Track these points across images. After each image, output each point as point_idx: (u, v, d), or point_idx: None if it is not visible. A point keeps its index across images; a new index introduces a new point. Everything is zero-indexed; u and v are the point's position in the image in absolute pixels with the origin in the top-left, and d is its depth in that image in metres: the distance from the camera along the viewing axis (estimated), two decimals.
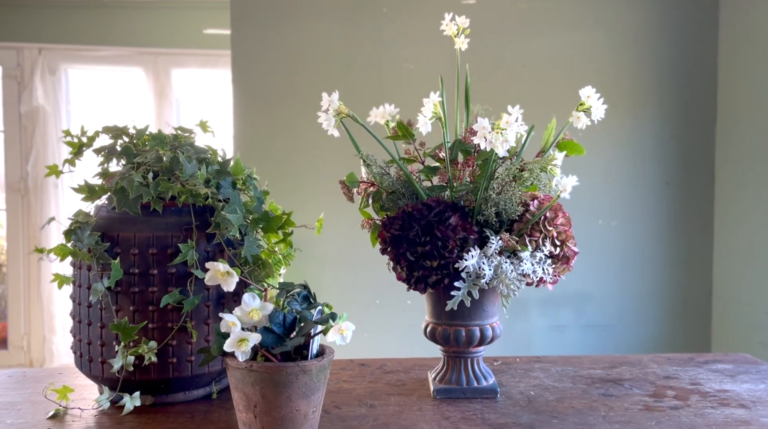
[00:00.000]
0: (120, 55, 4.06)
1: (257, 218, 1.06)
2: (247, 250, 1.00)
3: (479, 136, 0.95)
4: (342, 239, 2.15)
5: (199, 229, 1.00)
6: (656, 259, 2.27)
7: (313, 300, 0.90)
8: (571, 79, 2.21)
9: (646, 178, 2.24)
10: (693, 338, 2.30)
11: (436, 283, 0.99)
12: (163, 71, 4.10)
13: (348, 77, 2.18)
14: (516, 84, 2.21)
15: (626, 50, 2.23)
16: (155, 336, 0.97)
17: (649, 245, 2.26)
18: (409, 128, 1.07)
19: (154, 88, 4.12)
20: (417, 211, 1.00)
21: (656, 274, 2.27)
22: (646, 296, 2.27)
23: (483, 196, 1.02)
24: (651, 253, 2.26)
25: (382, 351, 2.20)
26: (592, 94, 1.03)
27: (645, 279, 2.27)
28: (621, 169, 2.22)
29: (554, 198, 1.00)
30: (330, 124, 1.00)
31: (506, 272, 0.97)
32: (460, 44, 1.06)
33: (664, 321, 2.29)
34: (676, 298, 2.27)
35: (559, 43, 2.20)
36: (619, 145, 2.21)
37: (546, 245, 1.01)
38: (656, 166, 2.24)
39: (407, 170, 1.06)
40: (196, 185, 0.98)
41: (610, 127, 2.15)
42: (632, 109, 2.20)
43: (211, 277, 0.81)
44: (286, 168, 2.11)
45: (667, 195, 2.25)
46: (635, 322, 2.28)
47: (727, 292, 2.21)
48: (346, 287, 2.18)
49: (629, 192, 2.24)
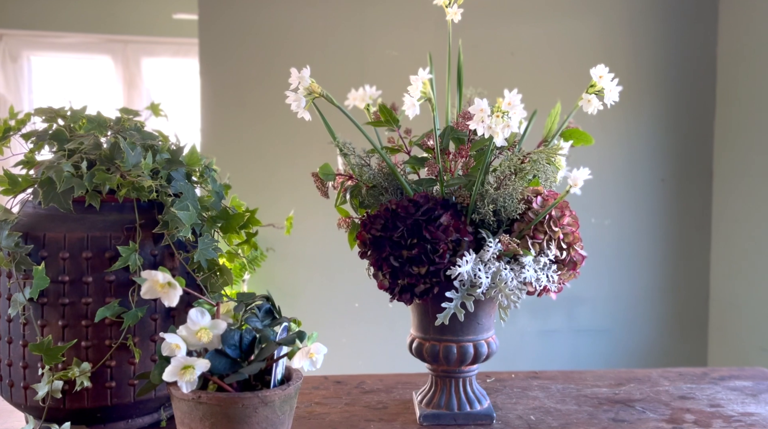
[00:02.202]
0: (87, 43, 3.86)
1: (215, 216, 0.91)
2: (201, 254, 0.84)
3: (476, 121, 0.80)
4: (318, 237, 2.00)
5: (144, 228, 0.85)
6: (651, 260, 2.15)
7: (278, 314, 0.76)
8: (563, 69, 2.08)
9: (641, 174, 2.12)
10: (689, 343, 2.18)
11: (424, 292, 0.85)
12: (133, 60, 3.91)
13: (327, 65, 2.03)
14: (504, 72, 2.07)
15: (621, 40, 2.11)
16: (90, 356, 0.82)
17: (644, 245, 2.14)
18: (392, 112, 0.92)
19: (124, 77, 3.93)
20: (402, 208, 0.86)
21: (651, 276, 2.15)
22: (640, 299, 2.16)
23: (479, 191, 0.87)
24: (646, 253, 2.14)
25: (362, 358, 2.05)
26: (604, 74, 0.89)
27: (639, 281, 2.15)
28: (615, 165, 2.10)
29: (562, 194, 0.86)
30: (300, 105, 0.85)
31: (506, 280, 0.83)
32: (453, 15, 0.92)
33: (659, 325, 2.17)
34: (671, 300, 2.16)
35: (551, 30, 2.07)
36: (614, 139, 2.08)
37: (551, 249, 0.88)
38: (652, 161, 2.12)
39: (390, 161, 0.91)
40: (140, 176, 0.83)
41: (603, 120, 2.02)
42: (627, 101, 2.08)
43: (148, 290, 0.66)
44: (258, 160, 1.96)
45: (662, 192, 2.13)
46: (629, 326, 2.16)
47: (725, 295, 2.10)
48: (323, 289, 2.03)
49: (623, 189, 2.12)
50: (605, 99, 0.89)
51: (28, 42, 3.83)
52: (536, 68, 2.09)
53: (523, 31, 2.09)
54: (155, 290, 0.65)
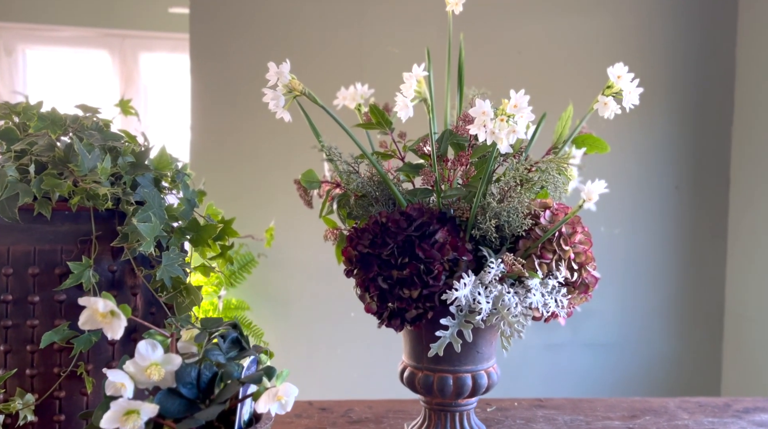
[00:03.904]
0: (83, 37, 3.77)
1: (183, 227, 0.81)
2: (164, 271, 0.75)
3: (477, 125, 0.70)
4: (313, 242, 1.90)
5: (102, 240, 0.75)
6: (663, 271, 2.04)
7: (246, 345, 0.66)
8: (574, 69, 1.98)
9: (654, 181, 2.02)
10: (703, 359, 2.08)
11: (416, 318, 0.75)
12: (131, 55, 3.82)
13: (323, 62, 1.93)
14: (511, 72, 1.97)
15: (634, 39, 2.00)
16: (35, 386, 0.72)
17: (656, 255, 2.03)
18: (385, 114, 0.83)
19: (121, 72, 3.84)
20: (393, 222, 0.76)
21: (663, 288, 2.05)
22: (650, 312, 2.05)
23: (480, 203, 0.77)
24: (657, 264, 2.04)
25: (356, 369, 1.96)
26: (623, 74, 0.79)
27: (650, 293, 2.04)
28: (626, 171, 1.99)
29: (574, 209, 0.76)
30: (278, 104, 0.75)
31: (509, 306, 0.73)
32: (454, 5, 0.82)
33: (670, 339, 2.07)
34: (684, 313, 2.05)
35: (560, 28, 1.97)
36: (625, 144, 1.98)
37: (561, 270, 0.78)
38: (665, 167, 2.02)
39: (381, 168, 0.81)
40: (97, 183, 0.73)
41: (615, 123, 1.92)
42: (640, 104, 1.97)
43: (87, 320, 0.56)
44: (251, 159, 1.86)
45: (676, 200, 2.03)
46: (639, 340, 2.05)
47: (741, 308, 2.00)
48: (317, 297, 1.93)
49: (635, 196, 2.01)
50: (624, 102, 0.79)
51: (24, 35, 3.75)
52: (545, 68, 1.99)
53: (531, 29, 1.98)
54: (95, 320, 0.56)
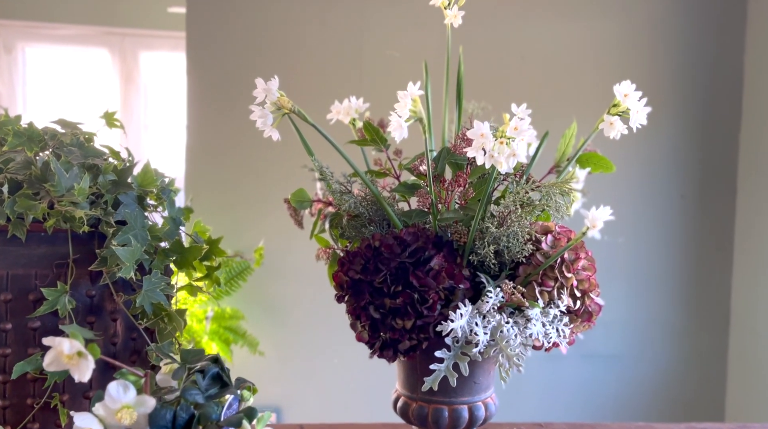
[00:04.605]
0: (83, 35, 3.73)
1: (167, 249, 0.77)
2: (145, 297, 0.71)
3: (475, 148, 0.66)
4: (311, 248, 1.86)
5: (80, 264, 0.72)
6: (667, 282, 2.00)
7: (227, 380, 0.62)
8: (577, 74, 1.94)
9: (659, 189, 1.97)
10: (707, 372, 2.04)
11: (409, 350, 0.71)
12: (131, 54, 3.78)
13: (323, 66, 1.89)
14: (514, 77, 1.93)
15: (640, 44, 1.96)
16: (7, 418, 0.68)
17: (660, 266, 1.99)
18: (380, 131, 0.79)
19: (121, 71, 3.80)
20: (386, 247, 0.72)
21: (667, 299, 2.01)
22: (654, 323, 2.01)
23: (478, 227, 0.74)
24: (662, 274, 2.00)
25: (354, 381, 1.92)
26: (630, 92, 0.75)
27: (654, 304, 2.00)
28: (631, 179, 1.95)
29: (577, 236, 0.72)
30: (266, 123, 0.71)
31: (508, 338, 0.70)
32: (452, 18, 0.78)
33: (674, 351, 2.03)
34: (688, 325, 2.01)
35: (565, 33, 1.93)
36: (630, 151, 1.93)
37: (563, 298, 0.74)
38: (671, 176, 1.97)
39: (375, 188, 0.78)
40: (74, 204, 0.69)
41: None
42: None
43: (52, 361, 0.52)
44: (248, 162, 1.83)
45: (682, 209, 1.99)
46: (642, 352, 2.01)
47: (747, 321, 1.96)
48: (316, 305, 1.90)
49: (639, 205, 1.97)
50: (631, 122, 0.75)
51: (23, 33, 3.71)
52: (549, 74, 1.95)
53: (534, 34, 1.94)
54: (61, 361, 0.52)
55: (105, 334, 0.73)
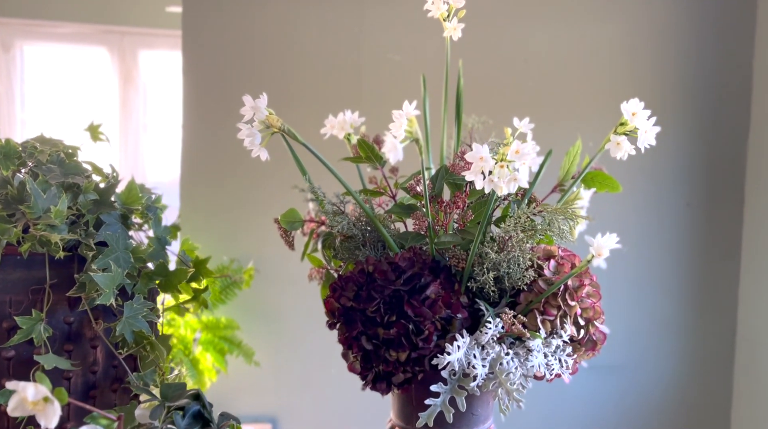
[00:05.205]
0: (82, 33, 3.69)
1: (150, 272, 0.74)
2: (125, 325, 0.67)
3: (474, 171, 0.63)
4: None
5: (57, 289, 0.68)
6: (672, 292, 1.96)
7: (209, 417, 0.58)
8: (582, 79, 1.90)
9: (664, 197, 1.93)
10: (712, 385, 2.00)
11: (404, 383, 0.68)
12: (130, 52, 3.74)
13: (320, 69, 1.85)
14: (516, 82, 1.88)
15: (646, 48, 1.91)
16: None
17: (665, 275, 1.95)
18: (375, 148, 0.75)
19: (120, 70, 3.76)
20: (380, 273, 0.69)
21: (672, 309, 1.97)
22: (659, 334, 1.97)
23: (477, 251, 0.70)
24: (667, 284, 1.96)
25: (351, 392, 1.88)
26: (639, 111, 0.71)
27: (658, 314, 1.96)
28: (635, 187, 1.91)
29: (581, 264, 0.68)
30: (254, 142, 0.67)
31: (508, 371, 0.66)
32: (451, 31, 0.74)
33: (678, 363, 1.99)
34: (693, 337, 1.97)
35: (569, 36, 1.89)
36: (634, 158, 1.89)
37: (566, 328, 0.70)
38: (676, 183, 1.93)
39: (370, 209, 0.74)
40: (51, 226, 0.66)
41: None
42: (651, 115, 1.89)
43: (16, 407, 0.49)
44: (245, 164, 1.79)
45: (688, 218, 1.95)
46: (645, 363, 1.97)
47: (754, 333, 1.92)
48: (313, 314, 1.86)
49: (644, 213, 1.93)
50: (639, 142, 0.71)
51: (22, 31, 3.68)
52: (552, 78, 1.90)
53: (538, 36, 1.90)
54: (25, 407, 0.48)
55: (84, 363, 0.70)
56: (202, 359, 1.65)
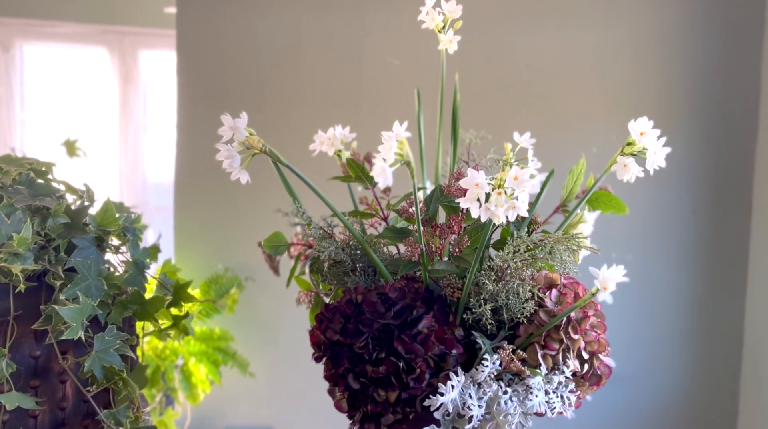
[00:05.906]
0: (82, 33, 3.65)
1: (125, 300, 0.69)
2: (95, 360, 0.63)
3: (469, 198, 0.58)
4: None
5: (23, 321, 0.64)
6: (678, 301, 1.91)
7: None
8: (586, 84, 1.85)
9: (670, 203, 1.88)
10: (719, 396, 1.95)
11: (394, 424, 0.63)
12: (130, 52, 3.70)
13: (319, 74, 1.80)
14: (519, 87, 1.83)
15: (652, 53, 1.86)
16: None
17: (671, 284, 1.90)
18: (365, 168, 0.70)
19: (120, 70, 3.72)
20: (369, 304, 0.64)
21: (677, 318, 1.92)
22: (664, 344, 1.92)
23: (474, 280, 0.65)
24: (672, 292, 1.91)
25: None
26: (648, 131, 0.66)
27: (664, 323, 1.91)
28: (640, 193, 1.86)
29: (585, 297, 0.63)
30: (233, 164, 0.63)
31: (506, 412, 0.61)
32: (447, 44, 0.69)
33: (684, 373, 1.94)
34: (700, 346, 1.92)
35: (573, 41, 1.83)
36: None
37: (568, 363, 0.65)
38: (683, 190, 1.88)
39: (359, 234, 0.69)
40: (16, 255, 0.61)
41: None
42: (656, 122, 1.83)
43: None
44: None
45: (694, 224, 1.89)
46: (651, 374, 1.92)
47: (762, 342, 1.87)
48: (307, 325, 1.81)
49: (649, 220, 1.88)
50: (647, 164, 0.66)
51: (21, 31, 3.64)
52: (556, 83, 1.85)
53: (541, 40, 1.85)
54: None
55: (51, 399, 0.65)
56: (195, 371, 1.61)
